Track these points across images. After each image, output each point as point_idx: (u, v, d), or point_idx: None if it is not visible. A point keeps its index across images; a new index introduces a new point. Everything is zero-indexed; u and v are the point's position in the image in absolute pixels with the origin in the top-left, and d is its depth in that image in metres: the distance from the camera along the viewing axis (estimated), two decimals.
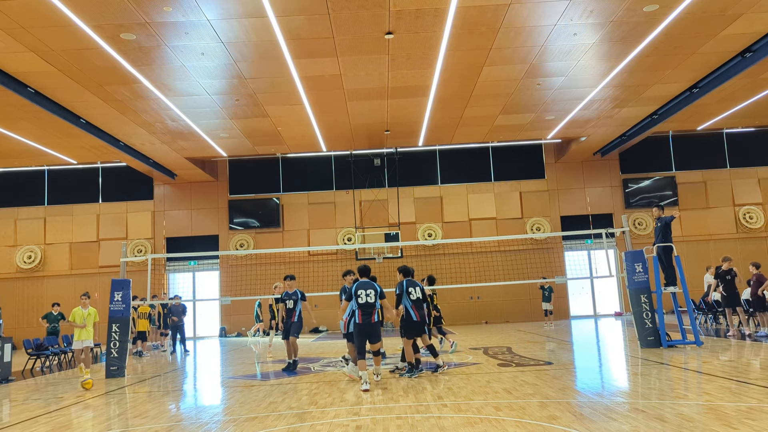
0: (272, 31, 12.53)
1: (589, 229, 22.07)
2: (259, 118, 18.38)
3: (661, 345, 11.94)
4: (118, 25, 11.82)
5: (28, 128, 18.22)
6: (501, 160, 25.26)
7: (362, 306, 9.22)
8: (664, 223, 12.34)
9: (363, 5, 11.61)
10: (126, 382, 11.25)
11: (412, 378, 9.64)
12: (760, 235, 24.58)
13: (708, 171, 25.18)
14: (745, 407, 6.23)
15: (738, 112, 21.35)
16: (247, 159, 24.79)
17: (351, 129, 20.41)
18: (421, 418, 6.57)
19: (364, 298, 9.22)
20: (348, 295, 9.51)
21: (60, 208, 25.07)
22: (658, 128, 21.34)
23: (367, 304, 9.21)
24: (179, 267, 25.24)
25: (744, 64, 15.03)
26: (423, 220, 24.81)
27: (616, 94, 17.67)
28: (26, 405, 9.11)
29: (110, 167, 25.29)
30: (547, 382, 8.60)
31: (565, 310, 24.50)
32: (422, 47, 13.75)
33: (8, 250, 24.67)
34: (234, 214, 25.11)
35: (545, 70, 15.60)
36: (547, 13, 12.39)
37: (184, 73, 14.46)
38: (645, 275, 12.32)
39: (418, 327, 10.12)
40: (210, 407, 8.38)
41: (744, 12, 12.61)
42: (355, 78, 15.48)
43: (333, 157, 25.06)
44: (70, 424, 7.39)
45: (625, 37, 13.69)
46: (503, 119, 20.12)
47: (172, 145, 20.34)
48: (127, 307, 12.57)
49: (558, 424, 5.94)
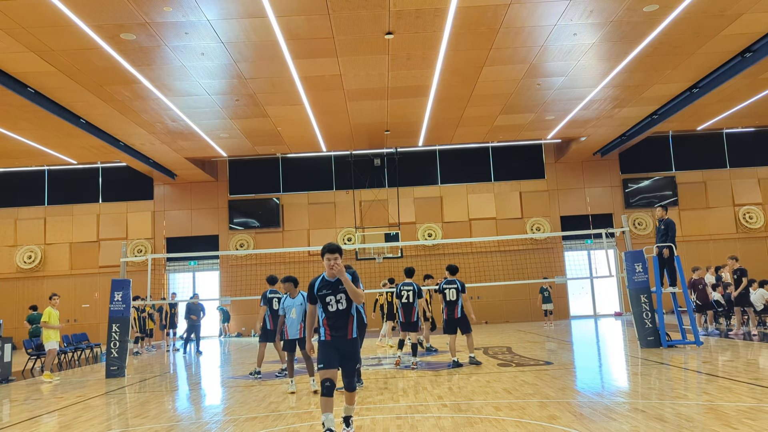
0: (272, 31, 12.53)
1: (589, 229, 22.06)
2: (259, 118, 18.38)
3: (661, 345, 11.93)
4: (118, 25, 11.82)
5: (28, 128, 18.22)
6: (501, 160, 25.25)
7: (404, 305, 10.30)
8: (666, 225, 12.35)
9: (363, 5, 11.60)
10: (126, 382, 11.25)
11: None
12: (760, 235, 24.58)
13: (708, 171, 25.17)
14: (745, 407, 6.23)
15: (738, 112, 21.35)
16: (247, 159, 24.79)
17: (351, 129, 20.41)
18: (421, 418, 6.57)
19: (406, 298, 9.87)
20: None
21: (60, 208, 25.07)
22: (658, 128, 21.34)
23: (407, 303, 9.91)
24: (179, 267, 25.23)
25: (744, 64, 15.02)
26: (423, 220, 24.80)
27: (616, 94, 17.67)
28: (26, 405, 9.11)
29: (110, 167, 25.28)
30: (547, 382, 8.60)
31: (565, 310, 24.49)
32: (422, 47, 13.75)
33: (8, 250, 24.66)
34: (234, 214, 25.10)
35: (545, 70, 15.60)
36: (547, 13, 12.39)
37: (184, 73, 14.46)
38: (645, 275, 12.32)
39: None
40: (210, 407, 8.38)
41: (744, 12, 12.61)
42: (355, 78, 15.48)
43: (333, 157, 25.05)
44: (70, 424, 7.39)
45: (625, 37, 13.69)
46: (503, 119, 20.12)
47: (172, 145, 20.34)
48: (127, 307, 12.56)
49: (558, 424, 5.94)
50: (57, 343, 12.69)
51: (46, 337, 12.59)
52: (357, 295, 5.65)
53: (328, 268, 5.61)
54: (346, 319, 5.71)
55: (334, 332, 5.69)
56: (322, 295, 5.71)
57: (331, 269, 5.58)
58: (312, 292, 5.79)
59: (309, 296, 5.85)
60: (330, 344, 5.67)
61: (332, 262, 5.59)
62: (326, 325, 5.73)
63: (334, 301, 5.68)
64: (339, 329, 5.69)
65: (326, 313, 5.71)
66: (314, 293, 5.77)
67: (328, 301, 5.69)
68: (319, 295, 5.73)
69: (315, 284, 5.78)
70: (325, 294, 5.70)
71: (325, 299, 5.70)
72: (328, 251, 5.62)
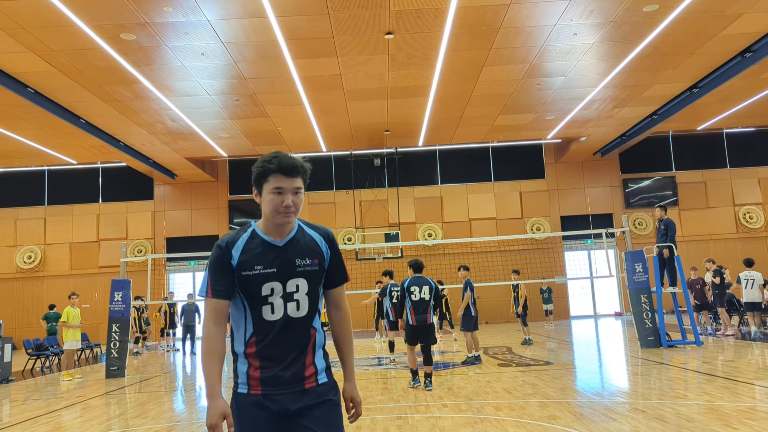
0: (272, 31, 12.53)
1: (589, 229, 22.05)
2: (259, 118, 18.38)
3: (661, 345, 11.94)
4: (118, 25, 11.81)
5: (28, 128, 18.22)
6: (501, 160, 25.24)
7: (415, 304, 8.51)
8: (665, 225, 12.36)
9: (363, 5, 11.60)
10: (126, 382, 11.25)
11: (416, 386, 8.68)
12: (760, 235, 24.57)
13: (708, 171, 25.17)
14: (745, 407, 6.22)
15: (738, 112, 21.34)
16: (247, 159, 24.78)
17: (351, 129, 20.41)
18: (421, 418, 6.57)
19: (418, 295, 8.48)
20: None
21: (60, 208, 25.06)
22: (658, 128, 21.33)
23: (421, 301, 8.51)
24: (179, 267, 25.23)
25: (744, 64, 15.02)
26: (423, 220, 24.80)
27: (616, 94, 17.67)
28: (26, 405, 9.11)
29: (110, 167, 25.28)
30: (547, 382, 8.60)
31: (565, 310, 24.49)
32: (422, 47, 13.75)
33: (8, 250, 24.65)
34: (234, 214, 25.11)
35: (545, 70, 15.59)
36: (547, 13, 12.39)
37: (184, 73, 14.46)
38: (645, 275, 12.32)
39: (414, 333, 8.66)
40: None
41: (744, 12, 12.60)
42: (355, 78, 15.48)
43: (333, 157, 25.04)
44: (70, 424, 7.39)
45: (625, 37, 13.69)
46: (503, 119, 20.12)
47: (172, 145, 20.34)
48: (127, 307, 12.57)
49: (558, 424, 5.94)
50: (77, 342, 12.84)
51: (65, 337, 12.75)
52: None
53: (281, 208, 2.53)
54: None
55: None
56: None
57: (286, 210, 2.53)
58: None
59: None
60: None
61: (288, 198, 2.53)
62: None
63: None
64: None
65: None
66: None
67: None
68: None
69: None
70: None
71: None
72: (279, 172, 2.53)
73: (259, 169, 2.53)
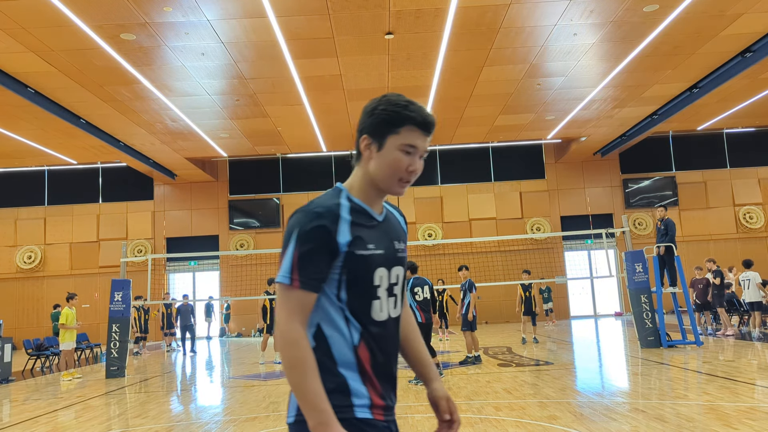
0: (272, 32, 12.53)
1: (589, 229, 22.05)
2: (259, 118, 18.38)
3: (661, 345, 11.93)
4: (118, 25, 11.82)
5: (28, 128, 18.22)
6: (501, 160, 25.24)
7: (420, 303, 9.10)
8: (665, 225, 12.36)
9: (363, 5, 11.60)
10: (126, 382, 11.25)
11: (418, 384, 8.74)
12: (760, 235, 24.57)
13: (708, 171, 25.16)
14: (745, 407, 6.22)
15: (738, 112, 21.34)
16: (247, 159, 24.78)
17: (351, 129, 20.41)
18: (422, 418, 6.57)
19: (422, 294, 9.08)
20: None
21: (60, 208, 25.06)
22: (658, 128, 21.33)
23: (425, 300, 9.14)
24: (179, 267, 25.23)
25: (744, 64, 15.02)
26: (423, 220, 24.80)
27: (616, 94, 17.67)
28: (26, 405, 9.11)
29: (110, 167, 25.28)
30: (547, 382, 8.60)
31: (566, 310, 24.48)
32: (422, 47, 13.75)
33: (8, 250, 24.65)
34: (234, 214, 25.10)
35: (545, 70, 15.59)
36: (547, 13, 12.39)
37: (184, 73, 14.46)
38: (645, 275, 12.32)
39: (421, 330, 8.79)
40: (210, 407, 8.38)
41: (744, 12, 12.60)
42: (355, 78, 15.48)
43: (333, 157, 25.04)
44: (70, 424, 7.39)
45: (625, 37, 13.69)
46: (503, 119, 20.11)
47: (172, 145, 20.34)
48: (127, 308, 12.57)
49: (558, 424, 5.94)
50: (73, 343, 12.84)
51: (62, 338, 12.81)
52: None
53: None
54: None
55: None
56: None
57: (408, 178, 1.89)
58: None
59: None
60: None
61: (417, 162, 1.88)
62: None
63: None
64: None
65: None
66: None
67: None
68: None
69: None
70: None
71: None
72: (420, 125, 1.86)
73: (390, 114, 1.82)
